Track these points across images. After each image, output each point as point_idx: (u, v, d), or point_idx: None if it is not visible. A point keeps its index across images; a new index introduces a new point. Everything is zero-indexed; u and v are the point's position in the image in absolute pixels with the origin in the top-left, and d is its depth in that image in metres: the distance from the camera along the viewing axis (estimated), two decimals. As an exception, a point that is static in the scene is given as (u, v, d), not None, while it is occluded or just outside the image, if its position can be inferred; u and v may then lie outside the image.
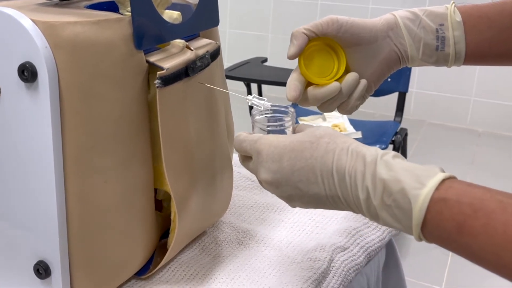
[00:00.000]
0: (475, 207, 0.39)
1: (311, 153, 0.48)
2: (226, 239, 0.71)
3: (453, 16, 0.59)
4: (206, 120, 0.64)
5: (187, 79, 0.58)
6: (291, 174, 0.48)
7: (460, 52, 0.59)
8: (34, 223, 0.54)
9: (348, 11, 3.22)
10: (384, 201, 0.43)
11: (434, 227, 0.41)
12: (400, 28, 0.60)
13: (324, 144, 0.48)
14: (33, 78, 0.49)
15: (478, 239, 0.38)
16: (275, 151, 0.50)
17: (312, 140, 0.48)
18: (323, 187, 0.47)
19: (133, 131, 0.55)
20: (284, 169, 0.49)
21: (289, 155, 0.49)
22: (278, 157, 0.49)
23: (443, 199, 0.41)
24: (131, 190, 0.57)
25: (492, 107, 3.05)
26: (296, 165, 0.48)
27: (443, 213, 0.40)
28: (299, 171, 0.48)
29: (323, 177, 0.47)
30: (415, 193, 0.41)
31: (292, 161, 0.48)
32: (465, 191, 0.40)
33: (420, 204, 0.41)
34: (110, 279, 0.58)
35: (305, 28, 0.58)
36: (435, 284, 1.79)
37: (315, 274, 0.62)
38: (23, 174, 0.53)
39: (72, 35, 0.49)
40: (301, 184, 0.48)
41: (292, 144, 0.49)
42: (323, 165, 0.47)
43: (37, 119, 0.50)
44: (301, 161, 0.48)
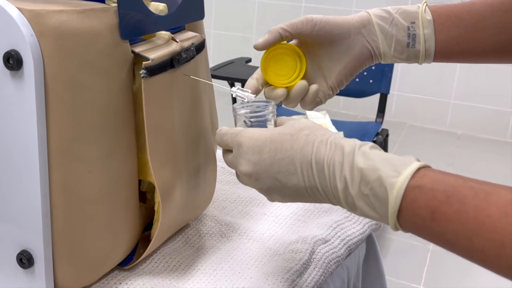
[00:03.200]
0: (448, 193, 0.40)
1: (291, 144, 0.49)
2: (209, 232, 0.72)
3: (424, 15, 0.61)
4: (190, 113, 0.64)
5: (172, 71, 0.58)
6: (270, 166, 0.49)
7: (430, 49, 0.61)
8: (18, 213, 0.54)
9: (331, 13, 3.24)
10: (361, 191, 0.44)
11: (409, 215, 0.42)
12: (373, 25, 0.62)
13: (304, 136, 0.49)
14: (18, 66, 0.49)
15: (451, 225, 0.39)
16: (256, 143, 0.50)
17: (293, 133, 0.49)
18: (302, 178, 0.48)
19: (118, 121, 0.55)
20: (264, 161, 0.50)
21: (270, 146, 0.50)
22: (258, 149, 0.50)
23: (418, 186, 0.41)
24: (115, 180, 0.57)
25: (471, 110, 3.11)
26: (276, 156, 0.49)
27: (418, 200, 0.41)
28: (278, 162, 0.49)
29: (302, 168, 0.48)
30: (391, 181, 0.42)
31: (273, 152, 0.49)
32: (439, 178, 0.42)
33: (396, 192, 0.42)
34: (93, 269, 0.58)
35: (281, 28, 0.60)
36: (414, 283, 1.81)
37: (296, 265, 0.63)
38: (7, 163, 0.53)
39: (58, 24, 0.49)
40: (280, 176, 0.49)
41: (272, 137, 0.50)
42: (303, 156, 0.48)
43: (22, 108, 0.50)
44: (281, 153, 0.49)
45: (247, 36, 3.52)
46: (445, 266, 1.88)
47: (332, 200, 0.48)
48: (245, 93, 0.57)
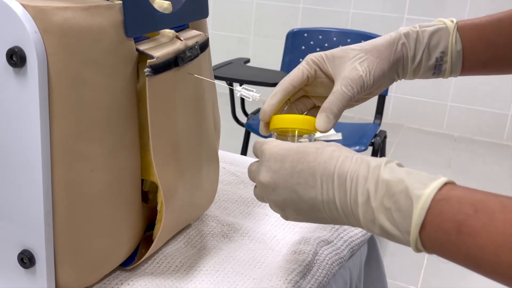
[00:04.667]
0: (476, 207, 0.39)
1: (314, 157, 0.47)
2: (211, 232, 0.71)
3: (455, 46, 0.60)
4: (193, 112, 0.64)
5: (177, 69, 0.58)
6: (290, 176, 0.48)
7: (455, 73, 0.62)
8: (19, 212, 0.53)
9: (329, 15, 3.25)
10: (384, 204, 0.42)
11: (434, 229, 0.40)
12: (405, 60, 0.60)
13: (330, 151, 0.47)
14: (21, 63, 0.48)
15: (478, 239, 0.37)
16: (280, 151, 0.49)
17: (318, 147, 0.48)
18: (321, 191, 0.46)
19: (122, 119, 0.55)
20: (285, 170, 0.48)
21: (293, 157, 0.48)
22: (281, 158, 0.49)
23: (445, 199, 0.40)
24: (118, 179, 0.56)
25: (468, 113, 3.12)
26: (297, 166, 0.47)
27: (444, 214, 0.40)
28: (299, 173, 0.47)
29: (322, 181, 0.46)
30: (417, 193, 0.41)
31: (295, 163, 0.48)
32: (467, 193, 0.40)
33: (422, 203, 0.40)
34: (95, 269, 0.57)
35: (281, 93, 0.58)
36: (411, 284, 1.81)
37: (299, 266, 0.63)
38: (9, 161, 0.52)
39: (62, 20, 0.48)
40: (299, 187, 0.47)
41: (298, 148, 0.49)
42: (325, 169, 0.46)
43: (25, 105, 0.49)
44: (303, 164, 0.47)
45: (244, 36, 3.51)
46: (442, 268, 1.88)
47: (349, 217, 0.46)
48: (250, 93, 0.57)
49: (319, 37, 2.15)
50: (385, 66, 0.58)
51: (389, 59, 0.59)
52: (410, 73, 0.61)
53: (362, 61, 0.57)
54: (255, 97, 0.57)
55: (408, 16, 3.10)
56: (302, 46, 2.16)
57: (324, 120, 0.54)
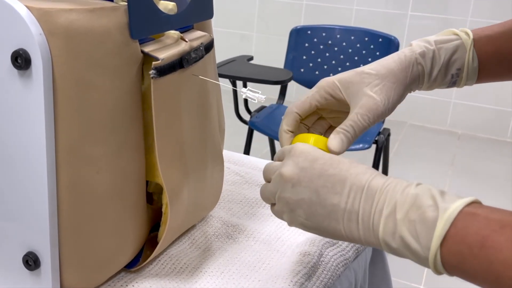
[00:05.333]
0: (503, 223, 0.38)
1: (348, 167, 0.47)
2: (215, 233, 0.71)
3: (471, 63, 0.60)
4: (198, 113, 0.64)
5: (182, 71, 0.57)
6: (318, 177, 0.47)
7: (469, 84, 0.62)
8: (24, 214, 0.53)
9: (332, 12, 3.24)
10: (408, 216, 0.42)
11: (456, 242, 0.39)
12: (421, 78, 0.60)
13: (364, 167, 0.47)
14: (26, 66, 0.48)
15: (501, 254, 0.37)
16: (313, 153, 0.49)
17: (352, 161, 0.48)
18: (346, 200, 0.46)
19: (127, 121, 0.55)
20: (313, 169, 0.47)
21: (325, 160, 0.48)
22: (313, 158, 0.48)
23: (472, 214, 0.40)
24: (123, 181, 0.56)
25: (471, 110, 3.11)
26: (328, 170, 0.47)
27: (469, 227, 0.39)
28: (328, 176, 0.47)
29: (351, 189, 0.46)
30: (444, 206, 0.41)
31: (327, 166, 0.47)
32: (494, 211, 0.40)
33: (448, 215, 0.40)
34: (100, 271, 0.57)
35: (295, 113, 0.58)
36: (415, 282, 1.81)
37: (305, 268, 0.62)
38: (14, 162, 0.52)
39: (67, 23, 0.48)
40: (323, 190, 0.47)
41: (331, 156, 0.49)
42: (357, 180, 0.46)
43: (30, 107, 0.49)
44: (335, 169, 0.47)
45: (247, 33, 3.51)
46: (446, 266, 1.88)
47: (366, 230, 0.45)
48: (256, 94, 0.56)
49: (323, 34, 2.15)
50: (401, 89, 0.58)
51: (405, 82, 0.58)
52: (424, 88, 0.61)
53: (379, 88, 0.56)
54: (261, 98, 0.56)
55: (412, 13, 3.09)
56: (305, 43, 2.16)
57: (338, 141, 0.54)
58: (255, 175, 0.87)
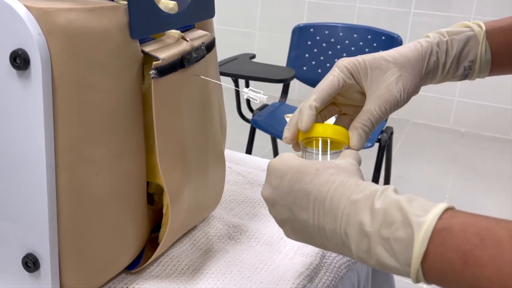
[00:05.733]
0: (481, 236, 0.37)
1: (311, 179, 0.45)
2: (217, 234, 0.70)
3: (484, 55, 0.59)
4: (199, 114, 0.63)
5: (183, 71, 0.57)
6: (287, 194, 0.46)
7: (481, 77, 0.61)
8: (24, 215, 0.52)
9: (335, 9, 3.23)
10: (381, 234, 0.40)
11: (437, 259, 0.38)
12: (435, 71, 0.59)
13: (327, 174, 0.45)
14: (25, 66, 0.47)
15: (486, 271, 0.36)
16: (281, 168, 0.47)
17: (319, 168, 0.46)
18: (312, 215, 0.45)
19: (127, 122, 0.54)
20: (283, 187, 0.47)
21: (292, 175, 0.46)
22: (281, 174, 0.47)
23: (447, 228, 0.38)
24: (123, 182, 0.56)
25: (475, 108, 3.09)
26: (294, 186, 0.46)
27: (447, 244, 0.37)
28: (295, 192, 0.46)
29: (315, 205, 0.44)
30: (418, 220, 0.38)
31: (293, 181, 0.46)
32: (470, 220, 0.38)
33: (423, 233, 0.38)
34: (100, 273, 0.57)
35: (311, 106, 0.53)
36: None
37: (307, 269, 0.62)
38: (13, 164, 0.51)
39: (66, 22, 0.48)
40: (294, 207, 0.46)
41: (299, 166, 0.47)
42: (319, 193, 0.44)
43: (29, 108, 0.49)
44: (300, 184, 0.46)
45: (249, 31, 3.50)
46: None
47: (339, 246, 0.43)
48: (258, 94, 0.56)
49: (326, 32, 2.14)
50: (417, 81, 0.57)
51: (420, 73, 0.57)
52: (437, 81, 0.60)
53: (396, 78, 0.55)
54: (263, 99, 0.56)
55: (415, 11, 3.07)
56: (308, 41, 2.15)
57: (358, 139, 0.53)
58: (257, 175, 0.86)
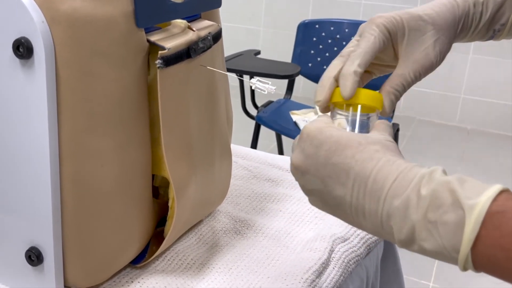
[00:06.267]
0: None
1: (353, 153, 0.42)
2: (223, 228, 0.69)
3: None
4: (206, 105, 0.62)
5: (189, 61, 0.56)
6: (323, 166, 0.43)
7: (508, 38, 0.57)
8: (27, 208, 0.52)
9: (340, 6, 3.21)
10: (427, 217, 0.37)
11: (489, 245, 0.35)
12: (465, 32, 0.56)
13: (372, 150, 0.42)
14: (28, 55, 0.46)
15: None
16: (318, 136, 0.44)
17: (362, 142, 0.43)
18: (351, 193, 0.41)
19: (132, 113, 0.53)
20: (318, 157, 0.43)
21: (330, 145, 0.43)
22: (318, 142, 0.44)
23: (502, 212, 0.35)
24: (128, 174, 0.55)
25: (481, 105, 3.07)
26: (332, 158, 0.43)
27: (502, 228, 0.35)
28: (333, 165, 0.42)
29: (355, 181, 0.41)
30: (470, 203, 0.36)
31: (331, 153, 0.43)
32: None
33: (475, 216, 0.35)
34: (105, 267, 0.56)
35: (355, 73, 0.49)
36: (424, 279, 1.79)
37: (315, 264, 0.61)
38: (16, 155, 0.50)
39: (71, 10, 0.47)
40: (329, 181, 0.43)
41: (338, 137, 0.43)
42: (361, 170, 0.41)
43: (32, 98, 0.48)
44: (339, 157, 0.42)
45: (254, 28, 3.48)
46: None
47: (377, 227, 0.41)
48: (266, 85, 0.55)
49: (331, 28, 2.12)
50: (451, 44, 0.53)
51: (454, 35, 0.54)
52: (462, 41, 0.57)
53: (434, 42, 0.51)
54: (271, 89, 0.54)
55: (421, 7, 3.05)
56: (313, 37, 2.13)
57: (389, 105, 0.50)
58: (263, 170, 0.85)
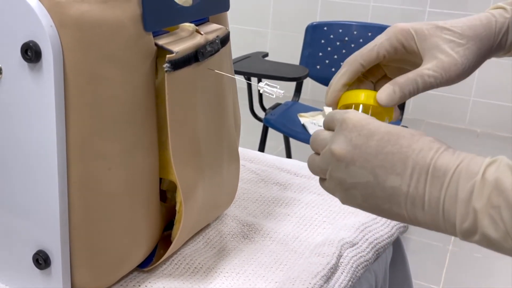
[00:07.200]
0: None
1: (409, 143, 0.41)
2: (231, 232, 0.69)
3: None
4: (214, 109, 0.62)
5: (197, 65, 0.56)
6: (374, 156, 0.41)
7: None
8: (35, 211, 0.51)
9: (349, 8, 3.20)
10: (491, 201, 0.36)
11: None
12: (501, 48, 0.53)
13: (427, 141, 0.41)
14: (37, 58, 0.46)
15: None
16: (368, 126, 0.42)
17: (414, 133, 0.42)
18: (408, 182, 0.40)
19: (140, 116, 0.53)
20: (369, 147, 0.41)
21: (382, 135, 0.41)
22: (368, 133, 0.42)
23: None
24: (135, 178, 0.54)
25: (491, 108, 3.05)
26: (386, 147, 0.41)
27: None
28: (386, 155, 0.41)
29: (414, 170, 0.40)
30: None
31: (384, 142, 0.41)
32: None
33: None
34: (112, 271, 0.56)
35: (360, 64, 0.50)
36: (433, 283, 1.77)
37: (323, 269, 0.60)
38: (24, 159, 0.50)
39: (79, 14, 0.47)
40: (381, 171, 0.41)
41: (388, 128, 0.42)
42: (420, 159, 0.40)
43: (40, 101, 0.48)
44: (394, 146, 0.41)
45: (262, 30, 3.48)
46: (465, 267, 1.84)
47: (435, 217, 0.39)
48: (274, 89, 0.54)
49: (339, 30, 2.11)
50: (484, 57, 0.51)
51: (490, 50, 0.51)
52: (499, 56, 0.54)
53: (462, 49, 0.49)
54: (279, 93, 0.54)
55: (430, 10, 3.03)
56: (321, 39, 2.13)
57: (388, 93, 0.47)
58: (271, 173, 0.84)
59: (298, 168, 0.86)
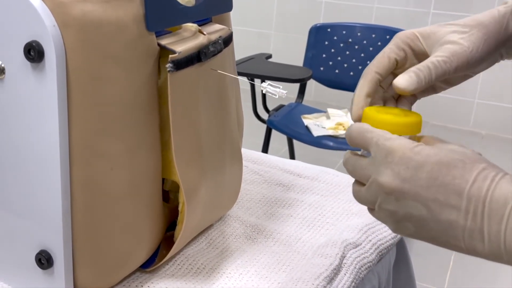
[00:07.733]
0: None
1: (462, 173, 0.39)
2: (233, 233, 0.69)
3: None
4: (216, 109, 0.62)
5: (199, 65, 0.56)
6: (426, 189, 0.40)
7: None
8: (37, 211, 0.52)
9: (352, 10, 3.20)
10: None
11: None
12: None
13: (480, 168, 0.39)
14: (39, 58, 0.46)
15: None
16: (414, 157, 0.40)
17: (465, 160, 0.40)
18: (464, 216, 0.38)
19: (142, 116, 0.53)
20: (419, 180, 0.40)
21: (432, 166, 0.40)
22: (416, 164, 0.40)
23: None
24: (138, 178, 0.54)
25: (495, 110, 3.04)
26: (438, 179, 0.39)
27: None
28: (439, 187, 0.39)
29: (470, 203, 0.38)
30: None
31: (434, 173, 0.40)
32: None
33: None
34: (115, 271, 0.56)
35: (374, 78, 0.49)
36: (437, 286, 1.77)
37: (326, 270, 0.60)
38: (27, 158, 0.51)
39: (82, 14, 0.47)
40: (434, 205, 0.39)
41: (438, 156, 0.40)
42: (476, 190, 0.38)
43: (43, 101, 0.48)
44: (446, 177, 0.39)
45: (265, 31, 3.48)
46: (469, 269, 1.83)
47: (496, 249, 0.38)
48: (277, 89, 0.54)
49: (343, 32, 2.11)
50: (493, 43, 0.50)
51: (497, 36, 0.50)
52: None
53: (466, 36, 0.49)
54: (282, 94, 0.54)
55: (434, 11, 3.03)
56: (325, 41, 2.13)
57: (405, 78, 0.46)
58: (274, 174, 0.84)
59: (302, 169, 0.86)
